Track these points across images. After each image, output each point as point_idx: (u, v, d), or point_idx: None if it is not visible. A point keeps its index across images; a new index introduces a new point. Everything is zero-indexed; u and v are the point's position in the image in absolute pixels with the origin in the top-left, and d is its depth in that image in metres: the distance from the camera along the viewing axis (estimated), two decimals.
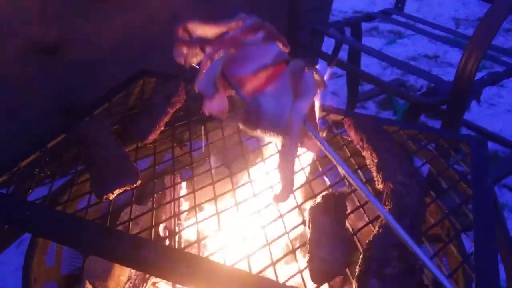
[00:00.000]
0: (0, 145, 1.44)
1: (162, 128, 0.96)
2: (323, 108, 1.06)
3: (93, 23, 1.43)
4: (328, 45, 2.08)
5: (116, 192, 0.77)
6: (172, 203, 0.83)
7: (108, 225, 0.73)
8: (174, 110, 1.01)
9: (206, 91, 0.62)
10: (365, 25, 2.08)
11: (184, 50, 0.70)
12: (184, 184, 0.97)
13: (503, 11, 1.34)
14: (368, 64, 2.59)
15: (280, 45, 0.68)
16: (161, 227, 0.97)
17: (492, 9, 1.35)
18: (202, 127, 1.00)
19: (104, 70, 1.54)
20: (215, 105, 0.65)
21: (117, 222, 0.93)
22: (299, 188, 0.84)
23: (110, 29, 1.48)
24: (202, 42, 0.69)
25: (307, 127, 0.60)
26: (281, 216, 0.75)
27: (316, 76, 0.64)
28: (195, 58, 0.72)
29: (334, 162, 0.60)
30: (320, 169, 0.89)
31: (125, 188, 0.77)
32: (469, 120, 2.03)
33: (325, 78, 0.67)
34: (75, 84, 1.53)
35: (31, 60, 1.37)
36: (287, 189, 0.61)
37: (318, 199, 0.76)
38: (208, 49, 0.67)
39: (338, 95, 2.43)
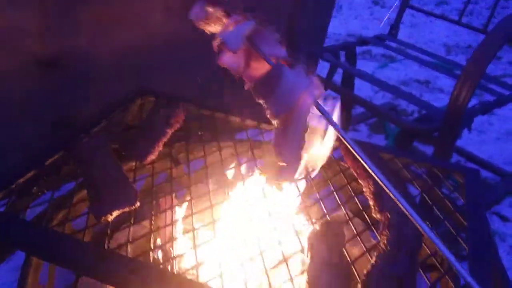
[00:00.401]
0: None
1: (160, 149, 0.96)
2: None
3: (92, 39, 1.44)
4: (322, 67, 2.11)
5: (115, 214, 0.76)
6: (170, 226, 0.83)
7: (107, 246, 0.72)
8: (173, 130, 1.01)
9: (232, 43, 0.62)
10: (358, 48, 2.11)
11: (208, 9, 0.70)
12: (183, 205, 0.96)
13: (497, 42, 1.38)
14: (360, 87, 2.61)
15: None
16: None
17: (486, 41, 1.38)
18: (201, 148, 1.00)
19: (101, 85, 1.54)
20: (232, 59, 0.65)
21: (107, 244, 0.92)
22: (296, 213, 0.85)
23: (109, 45, 1.49)
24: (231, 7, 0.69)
25: (318, 106, 0.62)
26: (279, 243, 0.76)
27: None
28: (213, 24, 0.71)
29: (346, 143, 0.63)
30: (317, 194, 0.90)
31: (123, 209, 0.77)
32: (460, 146, 2.06)
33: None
34: (73, 99, 1.53)
35: (29, 74, 1.37)
36: (293, 166, 0.62)
37: (317, 226, 0.76)
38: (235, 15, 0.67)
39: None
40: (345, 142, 0.65)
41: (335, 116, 0.68)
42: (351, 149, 0.64)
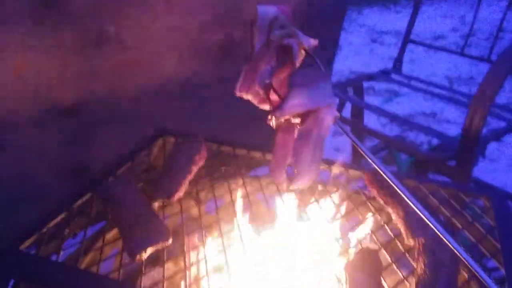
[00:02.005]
0: (14, 202, 1.43)
1: (186, 186, 0.97)
2: (341, 165, 1.08)
3: (109, 85, 1.47)
4: None
5: (149, 251, 0.76)
6: (201, 263, 0.82)
7: (141, 285, 0.72)
8: (197, 168, 1.02)
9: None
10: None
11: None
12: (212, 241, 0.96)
13: (504, 69, 1.41)
14: (367, 122, 2.65)
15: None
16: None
17: (493, 68, 1.42)
18: (226, 184, 1.01)
19: (117, 130, 1.57)
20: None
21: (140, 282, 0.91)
22: (329, 243, 0.84)
23: (126, 90, 1.53)
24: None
25: (339, 124, 0.66)
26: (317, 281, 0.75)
27: None
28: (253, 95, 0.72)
29: (376, 166, 0.64)
30: (347, 223, 0.90)
31: (157, 247, 0.77)
32: (473, 176, 2.06)
33: None
34: (89, 145, 1.55)
35: (49, 121, 1.40)
36: (312, 170, 0.64)
37: (352, 255, 0.76)
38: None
39: (342, 151, 2.46)
40: (375, 165, 0.65)
41: None
42: (381, 173, 0.65)
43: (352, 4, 5.95)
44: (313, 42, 0.68)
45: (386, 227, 0.88)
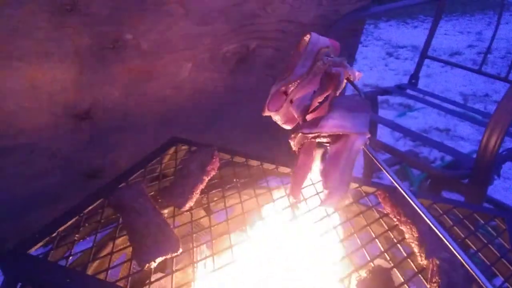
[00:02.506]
0: (27, 204, 1.44)
1: (198, 196, 0.96)
2: (354, 180, 1.07)
3: (124, 90, 1.48)
4: None
5: (158, 260, 0.76)
6: (211, 274, 0.81)
7: None
8: (209, 177, 1.02)
9: None
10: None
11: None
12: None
13: None
14: (380, 135, 2.63)
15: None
16: None
17: None
18: (237, 195, 1.01)
19: (130, 136, 1.58)
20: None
21: None
22: (340, 261, 0.83)
23: (140, 97, 1.53)
24: None
25: (368, 149, 0.71)
26: None
27: None
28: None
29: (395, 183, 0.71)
30: (358, 240, 0.88)
31: (167, 256, 0.77)
32: (488, 195, 2.03)
33: None
34: (102, 150, 1.56)
35: (64, 126, 1.41)
36: (342, 189, 0.68)
37: (363, 273, 0.74)
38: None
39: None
40: (395, 182, 0.68)
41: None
42: (401, 191, 0.66)
43: (369, 17, 5.94)
44: (358, 74, 0.73)
45: (399, 245, 0.87)
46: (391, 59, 4.62)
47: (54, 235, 0.83)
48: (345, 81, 0.74)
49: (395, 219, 0.92)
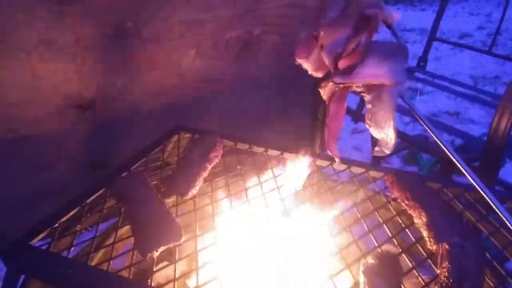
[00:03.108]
0: (33, 196, 1.44)
1: (201, 184, 0.95)
2: (361, 165, 1.05)
3: (128, 79, 1.46)
4: (351, 101, 2.10)
5: (160, 250, 0.75)
6: (215, 262, 0.80)
7: (151, 284, 0.70)
8: (212, 165, 1.00)
9: None
10: None
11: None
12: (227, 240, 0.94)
13: None
14: None
15: None
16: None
17: None
18: (241, 183, 0.99)
19: (137, 125, 1.56)
20: None
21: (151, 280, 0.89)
22: (346, 247, 0.81)
23: (144, 86, 1.51)
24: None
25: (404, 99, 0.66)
26: (331, 278, 0.72)
27: None
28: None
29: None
30: (365, 226, 0.86)
31: (169, 246, 0.75)
32: (500, 177, 1.99)
33: None
34: (107, 139, 1.54)
35: (67, 117, 1.40)
36: (393, 137, 0.66)
37: (370, 259, 0.72)
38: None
39: (360, 151, 2.42)
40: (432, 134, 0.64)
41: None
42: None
43: None
44: (396, 16, 0.66)
45: (407, 230, 0.84)
46: None
47: (55, 226, 0.82)
48: (381, 23, 0.67)
49: (403, 204, 0.89)
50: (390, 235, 0.83)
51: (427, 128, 0.65)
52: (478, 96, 2.04)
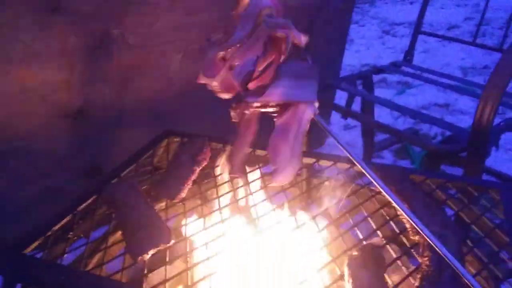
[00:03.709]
0: (29, 205, 1.46)
1: (189, 186, 0.97)
2: (346, 160, 1.07)
3: (116, 87, 1.48)
4: (340, 97, 2.13)
5: (151, 253, 0.77)
6: (205, 262, 0.82)
7: (144, 286, 0.72)
8: (200, 168, 1.02)
9: None
10: (374, 77, 2.12)
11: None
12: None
13: None
14: (380, 115, 2.61)
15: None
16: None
17: (504, 58, 1.38)
18: (230, 183, 1.01)
19: (126, 132, 1.58)
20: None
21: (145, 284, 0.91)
22: (332, 241, 0.83)
23: (132, 92, 1.53)
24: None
25: (318, 120, 0.65)
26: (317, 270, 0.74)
27: None
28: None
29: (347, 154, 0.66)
30: (351, 220, 0.88)
31: (159, 248, 0.77)
32: (488, 166, 2.02)
33: None
34: (99, 147, 1.56)
35: (58, 126, 1.42)
36: (293, 164, 0.63)
37: (355, 252, 0.75)
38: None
39: (353, 146, 2.44)
40: (352, 159, 0.65)
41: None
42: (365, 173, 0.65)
43: None
44: (304, 38, 0.66)
45: (392, 222, 0.87)
46: (388, 37, 4.58)
47: (48, 234, 0.84)
48: (290, 45, 0.65)
49: (387, 197, 0.91)
50: (375, 228, 0.85)
51: (338, 143, 0.65)
52: (466, 87, 2.06)
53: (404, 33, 4.63)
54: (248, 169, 1.04)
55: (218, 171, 1.02)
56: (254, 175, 1.04)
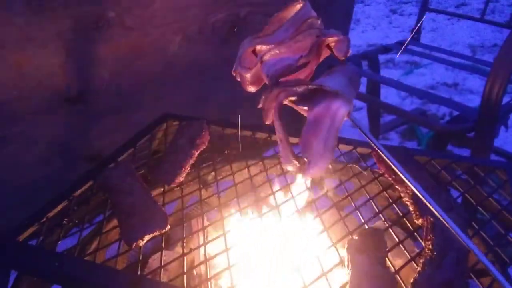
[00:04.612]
0: (30, 192, 1.45)
1: (187, 171, 0.95)
2: (349, 142, 1.04)
3: (114, 70, 1.46)
4: None
5: (146, 238, 0.75)
6: (202, 247, 0.80)
7: (139, 273, 0.71)
8: (199, 151, 1.00)
9: None
10: (380, 57, 2.07)
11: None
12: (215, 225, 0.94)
13: None
14: (386, 95, 2.57)
15: None
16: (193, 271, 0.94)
17: None
18: (228, 167, 0.99)
19: (125, 116, 1.56)
20: None
21: (145, 270, 0.90)
22: (333, 225, 0.81)
23: (131, 76, 1.51)
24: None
25: (350, 116, 0.63)
26: (317, 256, 0.72)
27: None
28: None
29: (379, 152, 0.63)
30: (353, 203, 0.86)
31: (154, 234, 0.76)
32: (497, 146, 1.98)
33: None
34: (99, 131, 1.54)
35: (56, 111, 1.40)
36: (325, 158, 0.61)
37: (355, 236, 0.72)
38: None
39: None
40: (379, 151, 0.63)
41: None
42: (385, 158, 0.62)
43: None
44: (348, 49, 0.66)
45: (395, 205, 0.84)
46: (395, 16, 4.49)
47: (43, 220, 0.83)
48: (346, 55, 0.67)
49: (390, 179, 0.89)
50: (377, 211, 0.82)
51: (368, 138, 0.63)
52: (475, 66, 2.01)
53: (412, 11, 4.54)
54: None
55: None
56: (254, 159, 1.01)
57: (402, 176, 0.60)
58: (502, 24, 1.94)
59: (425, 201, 0.55)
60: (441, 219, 0.53)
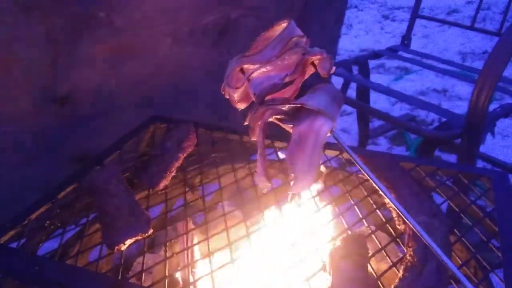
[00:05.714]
0: (15, 195, 1.43)
1: (173, 174, 0.94)
2: (335, 147, 1.04)
3: (102, 72, 1.45)
4: (335, 83, 2.09)
5: (128, 242, 0.74)
6: (186, 251, 0.80)
7: (120, 277, 0.70)
8: (185, 155, 1.00)
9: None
10: (371, 63, 2.08)
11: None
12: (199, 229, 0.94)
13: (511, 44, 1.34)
14: (376, 100, 2.59)
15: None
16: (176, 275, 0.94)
17: (500, 42, 1.35)
18: (215, 171, 0.98)
19: (114, 117, 1.55)
20: None
21: (129, 274, 0.90)
22: (316, 230, 0.81)
23: (120, 77, 1.50)
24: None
25: (334, 134, 0.67)
26: (300, 261, 0.72)
27: None
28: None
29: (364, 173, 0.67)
30: (337, 209, 0.86)
31: (136, 237, 0.75)
32: (484, 152, 1.99)
33: None
34: (87, 132, 1.53)
35: (43, 110, 1.38)
36: (310, 174, 0.63)
37: (338, 242, 0.73)
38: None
39: (348, 133, 2.41)
40: (358, 166, 0.65)
41: None
42: (364, 172, 0.64)
43: None
44: (332, 67, 0.70)
45: (378, 211, 0.85)
46: (387, 22, 4.51)
47: (25, 222, 0.82)
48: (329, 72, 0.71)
49: (374, 185, 0.89)
50: (360, 217, 0.83)
51: (349, 154, 0.66)
52: (464, 73, 2.03)
53: (404, 17, 4.56)
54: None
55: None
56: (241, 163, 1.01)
57: (379, 189, 0.61)
58: (492, 32, 1.96)
59: (399, 213, 0.55)
60: (417, 232, 0.53)
